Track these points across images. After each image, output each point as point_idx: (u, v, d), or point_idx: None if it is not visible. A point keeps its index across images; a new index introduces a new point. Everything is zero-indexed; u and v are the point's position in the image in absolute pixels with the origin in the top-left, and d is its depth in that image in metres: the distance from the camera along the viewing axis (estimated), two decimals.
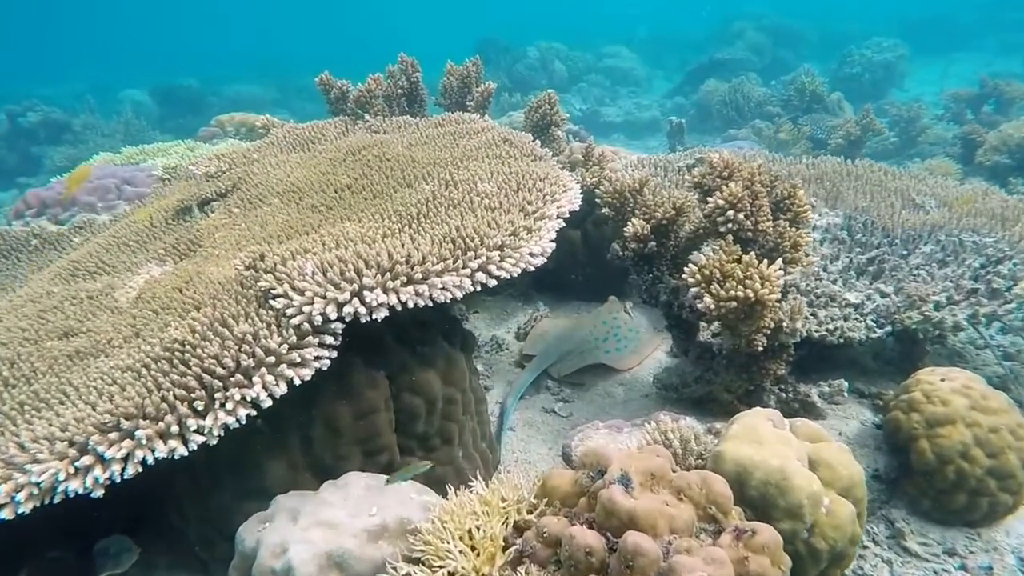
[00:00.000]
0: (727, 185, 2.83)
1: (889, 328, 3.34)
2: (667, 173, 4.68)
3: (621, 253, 3.52)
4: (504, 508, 1.94)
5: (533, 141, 3.85)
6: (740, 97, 10.95)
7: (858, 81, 12.57)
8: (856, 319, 3.39)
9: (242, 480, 2.42)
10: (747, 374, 3.11)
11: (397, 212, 2.90)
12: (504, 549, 1.84)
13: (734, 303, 2.58)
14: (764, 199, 2.92)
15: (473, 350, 3.16)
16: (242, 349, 2.19)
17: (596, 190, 3.79)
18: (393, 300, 2.29)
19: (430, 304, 2.36)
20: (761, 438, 2.24)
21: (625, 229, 3.30)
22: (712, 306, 2.63)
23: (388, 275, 2.32)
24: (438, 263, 2.42)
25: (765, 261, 2.61)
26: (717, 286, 2.65)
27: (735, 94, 11.18)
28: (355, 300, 2.26)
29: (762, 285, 2.54)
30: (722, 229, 2.83)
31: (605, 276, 4.76)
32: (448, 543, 1.84)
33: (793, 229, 2.92)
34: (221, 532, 2.41)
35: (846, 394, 3.21)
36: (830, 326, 3.23)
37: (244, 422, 2.11)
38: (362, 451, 2.52)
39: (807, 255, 2.86)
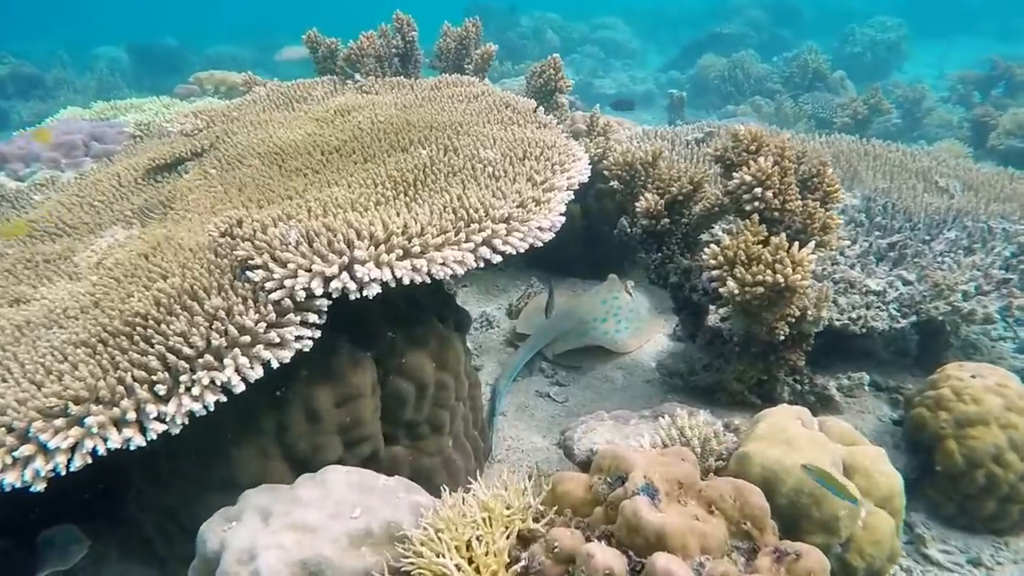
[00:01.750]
0: (755, 160, 2.57)
1: (914, 318, 3.13)
2: (675, 147, 4.42)
3: (629, 229, 3.27)
4: (508, 516, 1.71)
5: (536, 108, 3.57)
6: (740, 73, 10.65)
7: (860, 60, 12.31)
8: (878, 308, 3.18)
9: (206, 468, 2.16)
10: (762, 363, 2.89)
11: (391, 178, 2.62)
12: (508, 565, 1.60)
13: (761, 289, 2.35)
14: (792, 176, 2.67)
15: (468, 329, 2.91)
16: (213, 326, 1.92)
17: (602, 161, 3.52)
18: (387, 276, 2.03)
19: (428, 281, 2.10)
20: (791, 439, 2.02)
21: (637, 204, 3.05)
22: (736, 291, 2.39)
23: (383, 247, 2.05)
24: (438, 236, 2.15)
25: (796, 244, 2.37)
26: (742, 269, 2.42)
27: (735, 70, 10.88)
28: (344, 274, 2.00)
29: (793, 270, 2.31)
30: (747, 208, 2.58)
31: (605, 253, 4.52)
32: (444, 556, 1.60)
33: (822, 210, 2.68)
34: (182, 526, 2.16)
35: (866, 388, 3.01)
36: (852, 315, 3.02)
37: (212, 409, 1.85)
38: (343, 440, 2.28)
39: (839, 239, 2.62)
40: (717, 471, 2.11)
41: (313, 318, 1.99)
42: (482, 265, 2.22)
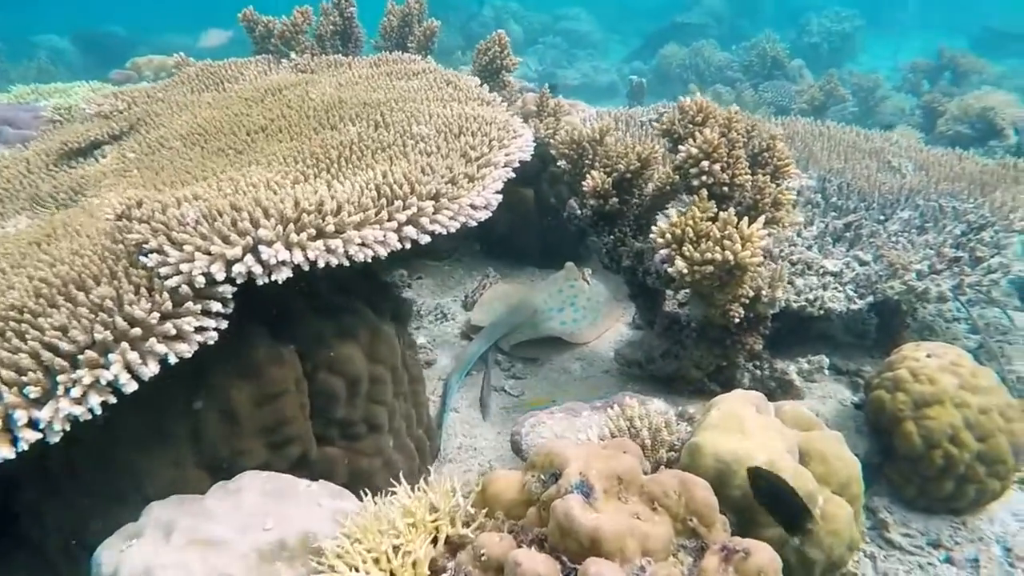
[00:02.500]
0: (701, 131, 2.43)
1: (871, 299, 3.03)
2: (628, 128, 4.28)
3: (579, 211, 3.12)
4: (434, 521, 1.53)
5: (481, 86, 3.39)
6: (700, 61, 10.60)
7: (817, 51, 12.36)
8: (835, 288, 3.07)
9: (110, 480, 1.95)
10: (720, 349, 2.75)
11: (314, 155, 2.42)
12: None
13: (710, 267, 2.20)
14: (741, 149, 2.54)
15: (408, 320, 2.72)
16: (99, 319, 1.70)
17: (551, 141, 3.35)
18: (298, 257, 1.83)
19: (345, 263, 1.91)
20: (745, 427, 1.88)
21: (583, 183, 2.89)
22: (684, 270, 2.24)
23: (292, 227, 1.85)
24: (356, 213, 1.96)
25: (745, 219, 2.23)
26: (690, 247, 2.27)
27: (695, 58, 10.83)
28: (249, 257, 1.79)
29: (742, 247, 2.17)
30: (695, 183, 2.44)
31: (561, 240, 4.36)
32: (358, 570, 1.41)
33: (773, 185, 2.55)
34: (85, 546, 1.94)
35: (826, 371, 2.89)
36: (809, 296, 2.90)
37: (100, 412, 1.63)
38: (267, 443, 2.07)
39: (789, 214, 2.49)
40: (669, 463, 1.96)
41: (216, 307, 1.79)
42: (407, 246, 2.04)
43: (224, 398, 2.00)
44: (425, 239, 2.07)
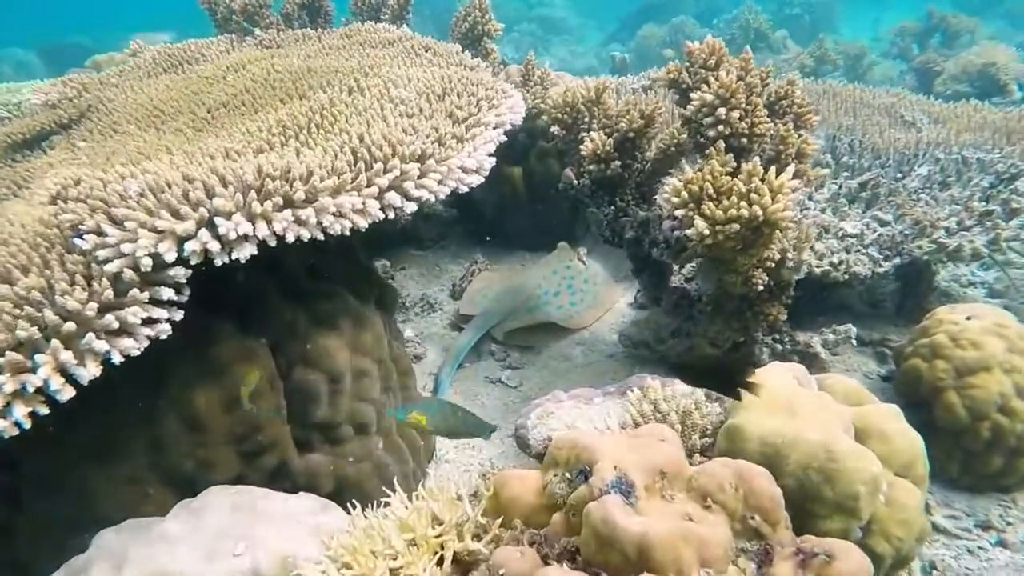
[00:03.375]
0: (715, 76, 2.17)
1: (897, 260, 2.79)
2: (620, 96, 4.01)
3: (576, 181, 2.85)
4: (438, 536, 1.26)
5: (462, 51, 3.12)
6: (681, 37, 10.34)
7: (798, 22, 12.15)
8: (858, 251, 2.83)
9: (57, 505, 1.66)
10: (738, 323, 2.50)
11: (280, 123, 2.14)
12: None
13: (735, 226, 1.95)
14: (758, 97, 2.28)
15: (394, 308, 2.44)
16: (24, 314, 1.42)
17: (542, 106, 3.08)
18: (263, 231, 1.55)
19: (319, 236, 1.63)
20: (792, 404, 1.63)
21: (582, 147, 2.63)
22: (706, 231, 1.99)
23: (254, 195, 1.57)
24: (330, 178, 1.68)
25: (772, 169, 1.98)
26: (711, 205, 2.01)
27: (676, 35, 10.58)
28: (204, 232, 1.51)
29: (772, 199, 1.91)
30: (711, 133, 2.18)
31: (553, 219, 4.09)
32: None
33: (796, 134, 2.30)
34: None
35: (854, 342, 2.65)
36: (833, 259, 2.65)
37: (27, 426, 1.35)
38: (239, 453, 1.80)
39: (815, 167, 2.24)
40: (703, 451, 1.71)
41: (167, 294, 1.50)
42: (391, 216, 1.76)
43: (187, 403, 1.72)
44: (411, 207, 1.80)
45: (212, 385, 1.74)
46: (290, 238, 1.59)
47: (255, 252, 1.55)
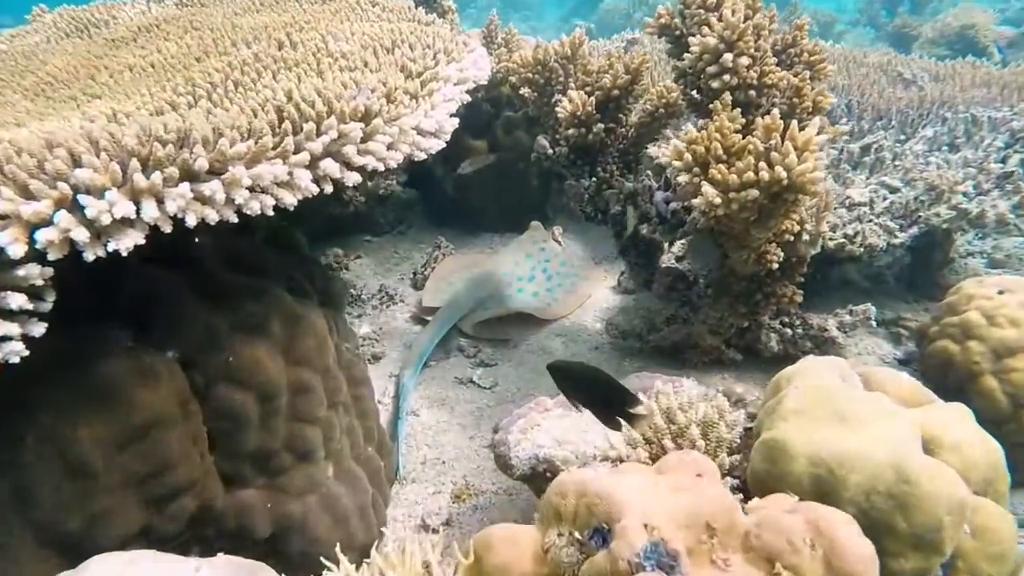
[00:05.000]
0: (719, 15, 1.81)
1: (915, 230, 2.49)
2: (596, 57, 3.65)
3: (551, 150, 2.48)
4: None
5: (415, 7, 2.71)
6: (646, 9, 10.00)
7: None
8: (870, 221, 2.52)
9: None
10: (746, 306, 2.18)
11: (190, 82, 1.72)
12: None
13: (754, 192, 1.60)
14: (767, 41, 1.94)
15: (343, 304, 2.05)
16: None
17: (508, 65, 2.69)
18: (151, 213, 1.15)
19: (232, 218, 1.24)
20: (843, 409, 1.29)
21: (558, 108, 2.26)
22: (717, 201, 1.64)
23: (137, 166, 1.16)
24: (246, 142, 1.28)
25: (794, 123, 1.63)
26: (720, 170, 1.66)
27: (640, 7, 10.23)
28: (64, 216, 1.10)
29: (798, 159, 1.57)
30: (715, 84, 1.83)
31: (523, 197, 3.73)
32: None
33: (810, 85, 1.96)
34: None
35: (874, 323, 2.35)
36: (847, 230, 2.34)
37: None
38: (142, 499, 1.40)
39: (833, 124, 1.91)
40: (731, 472, 1.37)
41: (17, 302, 1.09)
42: (328, 189, 1.37)
43: (65, 440, 1.32)
44: (353, 178, 1.41)
45: (100, 415, 1.34)
46: (191, 221, 1.19)
47: (141, 241, 1.14)
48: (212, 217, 1.21)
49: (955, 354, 2.18)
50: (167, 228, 1.18)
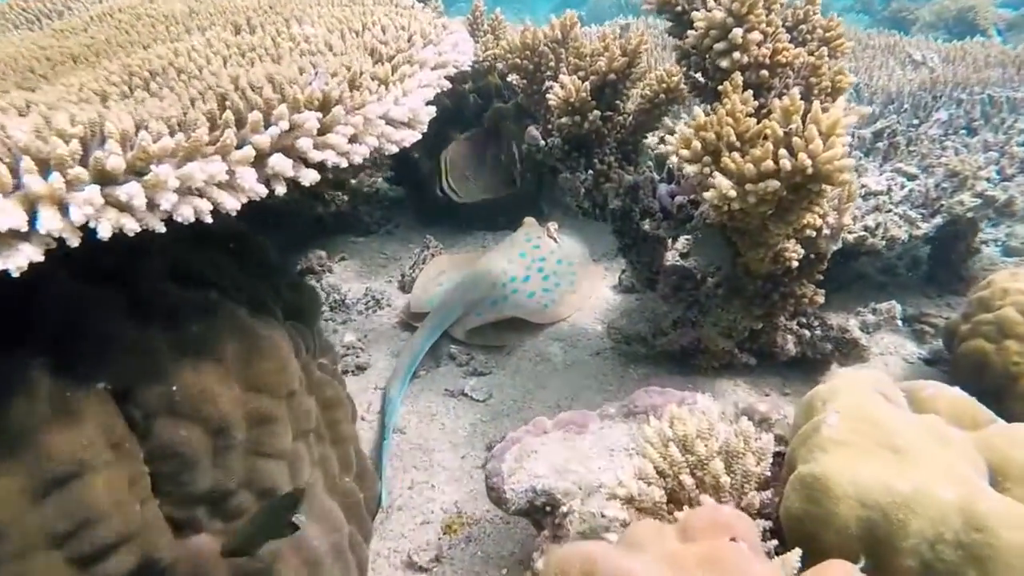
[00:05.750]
0: None
1: (939, 220, 2.29)
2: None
3: (543, 142, 2.27)
4: None
5: None
6: None
7: None
8: (889, 212, 2.32)
9: None
10: (761, 307, 1.98)
11: (127, 70, 1.50)
12: None
13: (774, 183, 1.40)
14: (778, 16, 1.73)
15: (314, 316, 1.84)
16: None
17: (496, 51, 2.48)
18: (51, 223, 0.93)
19: (157, 227, 1.03)
20: (896, 437, 1.09)
21: (550, 97, 2.05)
22: (731, 193, 1.43)
23: (32, 167, 0.95)
24: (174, 136, 1.07)
25: (815, 103, 1.43)
26: (733, 159, 1.46)
27: None
28: None
29: (824, 144, 1.36)
30: (724, 64, 1.63)
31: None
32: None
33: (828, 63, 1.76)
34: None
35: (900, 322, 2.15)
36: (868, 222, 2.14)
37: None
38: (66, 559, 1.19)
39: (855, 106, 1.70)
40: (762, 511, 1.16)
41: None
42: (280, 190, 1.16)
43: None
44: (310, 177, 1.20)
45: (7, 465, 1.13)
46: (104, 232, 0.98)
47: (37, 259, 0.93)
48: (131, 227, 1.00)
49: (991, 354, 1.99)
50: (74, 241, 0.97)
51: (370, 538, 1.80)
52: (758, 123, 1.53)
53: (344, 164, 1.23)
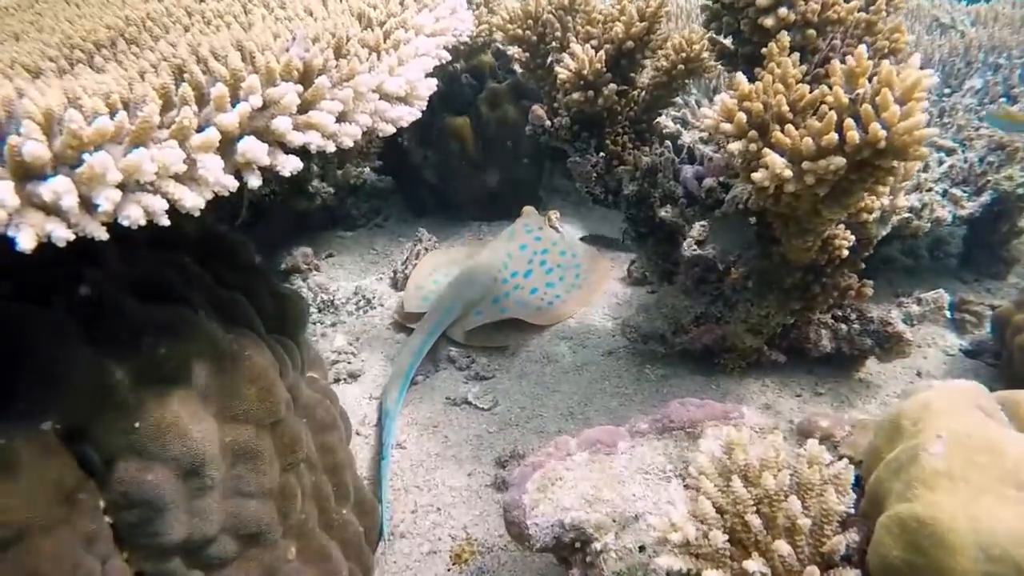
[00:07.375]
0: None
1: (986, 198, 2.10)
2: None
3: (550, 121, 2.05)
4: None
5: None
6: None
7: None
8: (929, 191, 2.13)
9: None
10: (799, 301, 1.78)
11: (67, 42, 1.27)
12: None
13: (839, 160, 1.19)
14: None
15: (301, 325, 1.62)
16: None
17: (491, 20, 2.25)
18: None
19: (99, 235, 0.81)
20: (1017, 465, 0.90)
21: (559, 69, 1.83)
22: (787, 174, 1.22)
23: None
24: (114, 118, 0.84)
25: (884, 63, 1.22)
26: (787, 132, 1.25)
27: None
28: None
29: (901, 111, 1.16)
30: (769, 22, 1.42)
31: (512, 179, 3.30)
32: None
33: (884, 16, 1.55)
34: None
35: (948, 313, 1.96)
36: (914, 202, 1.94)
37: None
38: None
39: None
40: (850, 559, 0.97)
41: None
42: (254, 183, 0.94)
43: None
44: (291, 165, 0.98)
45: None
46: (25, 243, 0.76)
47: None
48: (61, 235, 0.77)
49: None
50: None
51: (371, 574, 1.60)
52: (819, 86, 1.32)
53: (331, 148, 1.01)
